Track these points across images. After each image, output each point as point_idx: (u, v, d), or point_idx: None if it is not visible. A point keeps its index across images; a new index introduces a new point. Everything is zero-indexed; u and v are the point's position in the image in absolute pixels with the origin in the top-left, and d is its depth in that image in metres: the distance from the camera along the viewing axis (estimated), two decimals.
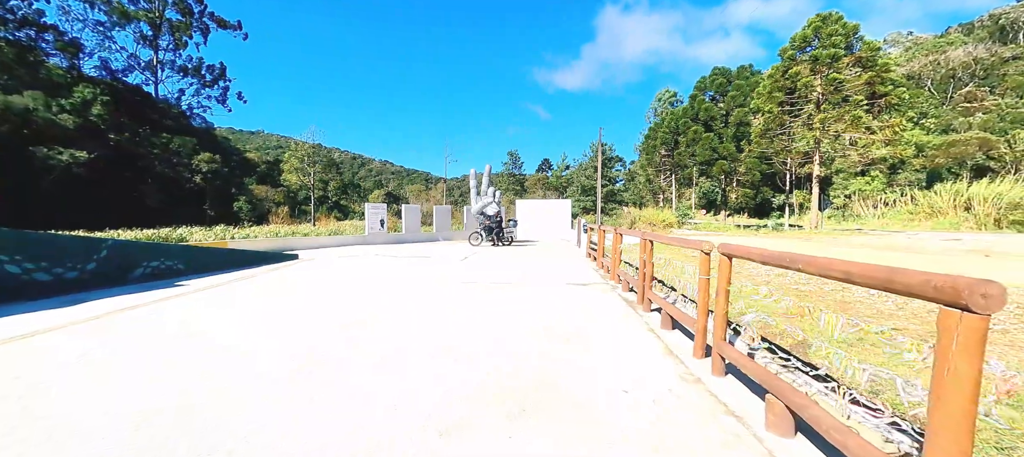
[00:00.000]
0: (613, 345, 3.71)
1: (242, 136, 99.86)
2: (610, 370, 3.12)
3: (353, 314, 4.77)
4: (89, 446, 2.07)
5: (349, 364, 3.19)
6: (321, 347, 3.60)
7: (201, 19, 43.37)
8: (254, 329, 4.16)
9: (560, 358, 3.34)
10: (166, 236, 13.60)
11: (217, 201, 38.07)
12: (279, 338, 3.87)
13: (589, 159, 50.37)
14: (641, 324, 4.43)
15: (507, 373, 3.01)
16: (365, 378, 2.93)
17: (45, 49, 34.58)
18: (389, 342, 3.74)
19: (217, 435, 2.18)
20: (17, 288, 5.41)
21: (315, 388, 2.76)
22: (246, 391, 2.71)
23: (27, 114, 26.36)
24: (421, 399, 2.61)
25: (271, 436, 2.18)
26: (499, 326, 4.24)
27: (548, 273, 8.19)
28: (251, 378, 2.92)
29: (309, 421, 2.34)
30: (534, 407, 2.51)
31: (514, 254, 12.07)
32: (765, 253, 2.47)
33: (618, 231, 7.27)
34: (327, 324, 4.35)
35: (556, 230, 21.88)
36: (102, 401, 2.55)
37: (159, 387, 2.78)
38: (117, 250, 6.65)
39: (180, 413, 2.41)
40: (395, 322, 4.44)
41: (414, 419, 2.36)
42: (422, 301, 5.50)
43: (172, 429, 2.24)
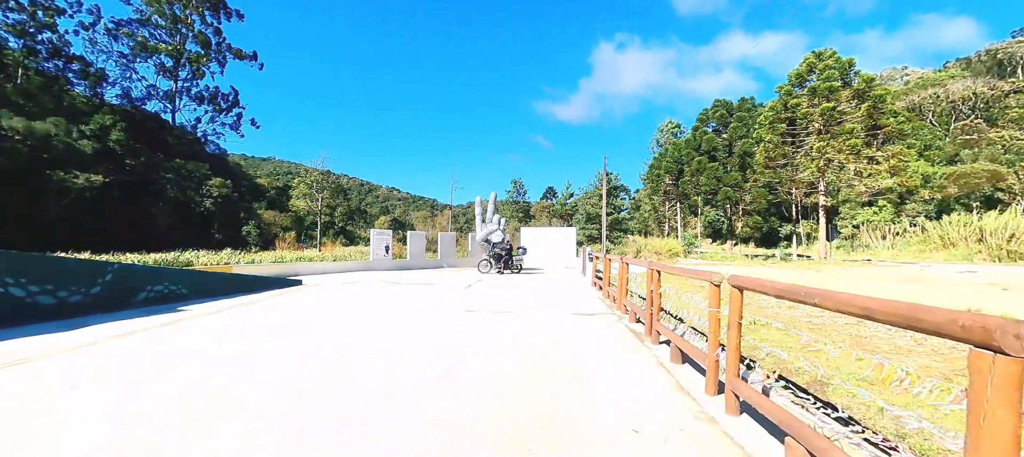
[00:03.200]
0: (621, 380, 3.58)
1: (254, 162, 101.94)
2: (619, 407, 2.99)
3: (350, 342, 4.67)
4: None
5: (338, 396, 3.09)
6: (312, 376, 3.50)
7: (219, 50, 45.18)
8: (249, 357, 4.08)
9: (565, 393, 3.22)
10: (173, 260, 13.66)
11: (226, 225, 38.47)
12: (272, 366, 3.78)
13: (594, 187, 50.64)
14: (650, 357, 4.29)
15: (509, 408, 2.89)
16: (355, 411, 2.82)
17: (71, 78, 36.05)
18: (384, 373, 3.63)
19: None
20: (20, 311, 5.40)
21: (304, 425, 2.66)
22: (226, 423, 2.62)
23: (47, 139, 27.19)
24: (415, 437, 2.49)
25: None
26: (501, 357, 4.12)
27: (553, 302, 8.06)
28: (232, 409, 2.83)
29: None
30: (538, 447, 2.39)
31: (518, 282, 11.95)
32: (778, 286, 2.40)
33: (624, 260, 7.19)
34: (321, 352, 4.25)
35: (561, 258, 21.75)
36: (80, 431, 2.47)
37: (133, 422, 2.69)
38: (121, 274, 6.66)
39: (150, 446, 2.32)
40: (392, 352, 4.34)
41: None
42: (422, 330, 5.40)
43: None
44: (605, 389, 3.34)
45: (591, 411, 2.90)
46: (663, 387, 3.43)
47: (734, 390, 2.85)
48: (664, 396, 3.23)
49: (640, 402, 3.09)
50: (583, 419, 2.77)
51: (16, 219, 23.91)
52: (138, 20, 40.61)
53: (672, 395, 3.25)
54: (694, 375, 3.74)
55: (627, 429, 2.64)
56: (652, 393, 3.29)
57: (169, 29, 41.92)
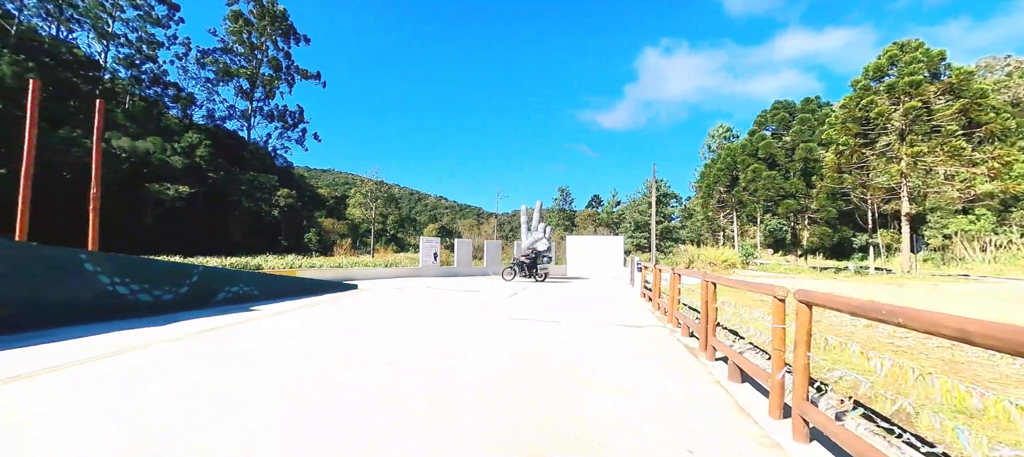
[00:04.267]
0: (674, 397, 3.42)
1: (315, 173, 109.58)
2: (672, 427, 2.86)
3: (401, 346, 4.85)
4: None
5: (389, 398, 3.21)
6: (366, 379, 3.67)
7: (288, 72, 49.35)
8: (312, 353, 4.36)
9: (614, 411, 3.13)
10: (245, 263, 14.98)
11: (291, 232, 41.63)
12: (337, 363, 4.01)
13: (642, 195, 49.11)
14: (705, 374, 4.07)
15: (552, 426, 2.86)
16: (403, 414, 2.92)
17: (166, 102, 40.95)
18: (431, 381, 3.73)
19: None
20: (123, 307, 6.17)
21: (361, 417, 2.79)
22: (306, 405, 2.81)
23: (147, 156, 31.02)
24: (454, 451, 2.53)
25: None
26: (546, 370, 4.09)
27: (599, 312, 7.88)
28: (300, 400, 3.03)
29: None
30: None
31: (564, 291, 11.82)
32: (853, 303, 2.19)
33: (676, 270, 6.89)
34: (372, 357, 4.45)
35: (608, 267, 21.24)
36: (184, 405, 2.77)
37: (209, 413, 2.96)
38: (205, 276, 7.40)
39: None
40: (439, 358, 4.45)
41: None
42: (470, 339, 5.49)
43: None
44: (656, 406, 3.21)
45: (641, 429, 2.80)
46: (721, 407, 3.23)
47: (802, 414, 2.63)
48: (722, 417, 3.04)
49: (695, 422, 2.94)
50: (633, 438, 2.68)
51: (118, 227, 27.38)
52: (221, 48, 45.44)
53: (731, 416, 3.06)
54: (755, 396, 3.49)
55: (682, 450, 2.51)
56: (708, 413, 3.11)
57: (247, 55, 46.47)
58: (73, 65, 33.68)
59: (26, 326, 5.08)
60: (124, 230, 27.86)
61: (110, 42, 38.13)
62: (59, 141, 24.63)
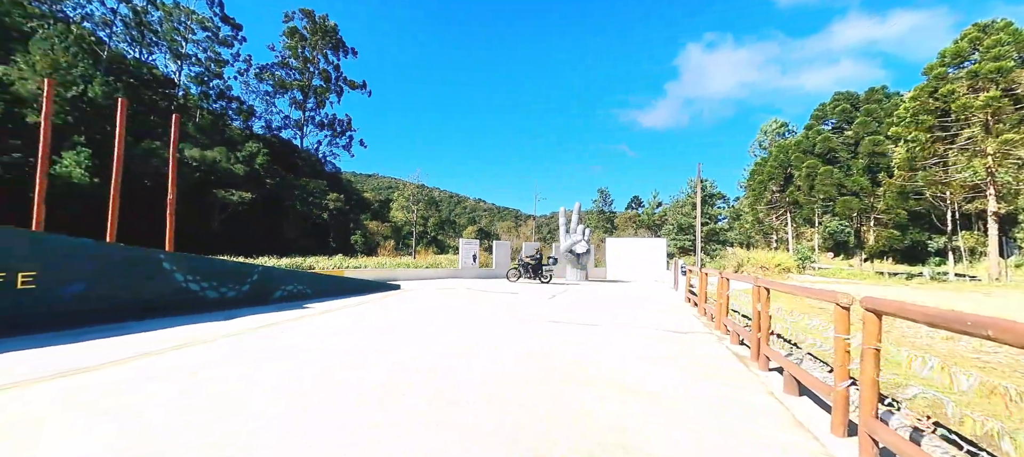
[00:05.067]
0: (724, 409, 3.26)
1: (361, 178, 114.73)
2: (724, 442, 2.73)
3: (443, 349, 4.96)
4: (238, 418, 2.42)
5: (442, 400, 3.29)
6: (397, 380, 3.78)
7: (337, 83, 52.13)
8: (358, 349, 4.57)
9: (661, 421, 3.03)
10: (298, 264, 15.96)
11: (338, 234, 43.84)
12: (372, 362, 4.18)
13: (686, 196, 47.23)
14: (758, 385, 3.84)
15: (593, 440, 2.81)
16: (441, 414, 2.98)
17: (230, 115, 44.48)
18: (473, 384, 3.78)
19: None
20: (194, 303, 6.77)
21: (411, 417, 2.88)
22: (355, 395, 2.94)
23: (214, 165, 33.85)
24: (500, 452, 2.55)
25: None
26: (585, 375, 4.02)
27: (642, 317, 7.66)
28: (344, 392, 3.17)
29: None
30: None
31: (604, 294, 11.59)
32: (931, 312, 1.99)
33: (724, 274, 6.57)
34: (416, 358, 4.58)
35: (649, 270, 20.60)
36: (253, 387, 2.99)
37: (272, 398, 3.16)
38: (264, 275, 7.96)
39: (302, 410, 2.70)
40: (481, 362, 4.50)
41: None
42: (508, 339, 5.52)
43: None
44: (706, 418, 3.07)
45: (691, 442, 2.69)
46: (776, 421, 3.04)
47: (870, 433, 2.42)
48: (778, 432, 2.86)
49: (750, 437, 2.78)
50: (682, 452, 2.58)
51: (189, 230, 30.03)
52: (278, 63, 48.82)
53: (788, 432, 2.87)
54: (814, 410, 3.25)
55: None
56: (763, 427, 2.93)
57: (300, 68, 49.61)
58: (152, 84, 37.41)
59: (118, 318, 5.70)
60: (194, 233, 30.53)
61: (183, 62, 42.05)
62: (141, 153, 27.43)
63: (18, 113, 23.37)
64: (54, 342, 4.55)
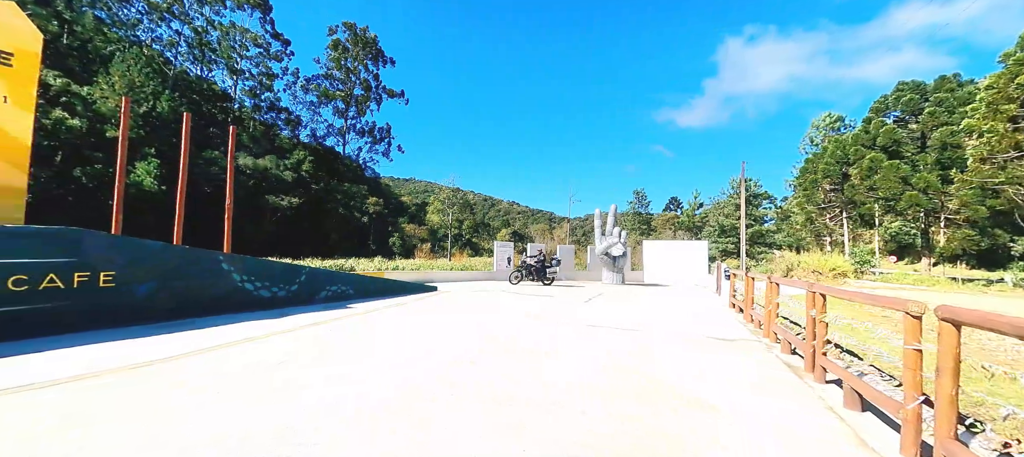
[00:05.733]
0: (777, 424, 3.07)
1: (399, 183, 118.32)
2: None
3: (479, 348, 5.00)
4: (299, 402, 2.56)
5: (461, 401, 3.31)
6: (458, 382, 3.83)
7: (376, 92, 54.16)
8: (404, 350, 4.69)
9: (709, 435, 2.89)
10: (340, 265, 16.65)
11: (377, 237, 45.43)
12: (418, 365, 4.27)
13: (728, 196, 45.14)
14: (814, 398, 3.59)
15: (635, 447, 2.73)
16: (474, 419, 2.99)
17: (279, 125, 47.25)
18: (512, 389, 3.78)
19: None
20: (249, 301, 7.22)
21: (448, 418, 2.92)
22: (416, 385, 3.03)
23: (265, 172, 36.07)
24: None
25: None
26: (633, 384, 3.91)
27: (684, 322, 7.38)
28: (413, 381, 3.26)
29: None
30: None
31: (642, 298, 11.28)
32: (1021, 323, 1.78)
33: (772, 279, 6.20)
34: (454, 356, 4.64)
35: (690, 274, 19.84)
36: (300, 379, 3.16)
37: (326, 386, 3.30)
38: (311, 276, 8.37)
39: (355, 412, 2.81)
40: (519, 365, 4.49)
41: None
42: (546, 342, 5.48)
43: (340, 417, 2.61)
44: (757, 434, 2.90)
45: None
46: (836, 439, 2.82)
47: (948, 455, 2.19)
48: (840, 451, 2.66)
49: (808, 455, 2.60)
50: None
51: (243, 233, 32.13)
52: (323, 75, 51.39)
53: (851, 451, 2.66)
54: (880, 428, 3.00)
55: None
56: (822, 445, 2.73)
57: (343, 79, 51.96)
58: (212, 98, 40.41)
59: (184, 315, 6.19)
60: (247, 235, 32.64)
61: (238, 77, 45.18)
62: (202, 162, 29.70)
63: (99, 128, 25.98)
64: (133, 336, 5.01)
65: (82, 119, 24.99)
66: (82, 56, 30.52)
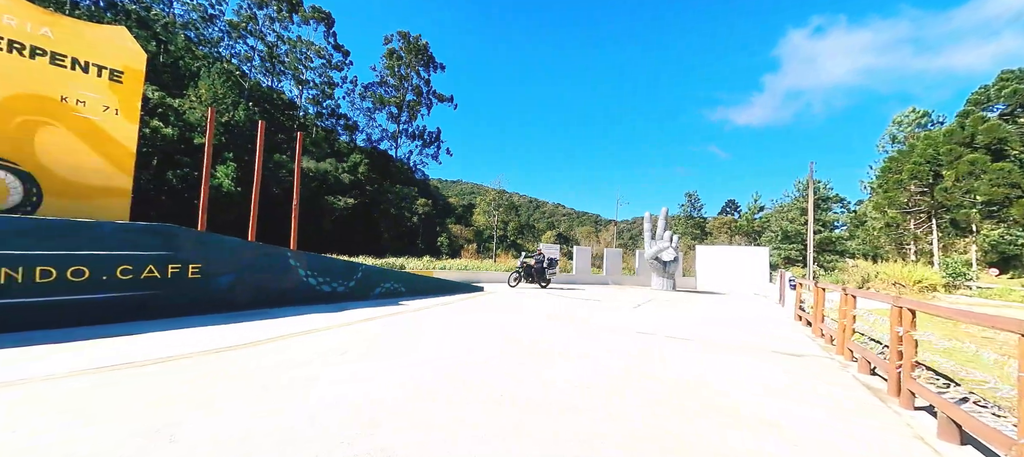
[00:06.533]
0: (859, 455, 2.78)
1: (446, 184, 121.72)
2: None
3: (526, 351, 4.99)
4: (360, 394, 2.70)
5: (513, 403, 3.31)
6: (491, 380, 3.86)
7: (427, 97, 56.15)
8: (454, 346, 4.81)
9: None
10: (392, 264, 17.39)
11: (426, 237, 46.99)
12: (462, 362, 4.35)
13: (792, 200, 41.81)
14: (902, 427, 3.22)
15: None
16: (519, 424, 2.97)
17: (338, 130, 50.33)
18: (560, 397, 3.73)
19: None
20: (312, 295, 7.74)
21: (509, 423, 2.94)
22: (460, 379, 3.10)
23: (325, 175, 38.56)
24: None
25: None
26: (693, 401, 3.71)
27: (745, 333, 6.92)
28: (464, 377, 3.34)
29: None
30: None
31: (696, 306, 10.73)
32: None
33: (848, 290, 5.66)
34: (506, 356, 4.66)
35: (748, 282, 18.62)
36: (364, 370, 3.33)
37: (384, 377, 3.45)
38: (367, 273, 8.82)
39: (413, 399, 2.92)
40: (566, 371, 4.43)
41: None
42: (594, 349, 5.37)
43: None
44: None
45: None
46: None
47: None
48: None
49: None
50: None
51: (305, 232, 34.49)
52: (378, 82, 54.15)
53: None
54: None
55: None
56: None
57: (396, 86, 54.43)
58: (280, 106, 43.86)
59: (257, 305, 6.76)
60: (308, 233, 35.00)
61: (303, 87, 48.73)
62: (272, 165, 32.30)
63: (188, 136, 29.12)
64: (217, 322, 5.55)
65: (174, 128, 28.14)
66: (174, 72, 34.40)
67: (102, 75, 6.38)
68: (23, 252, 4.72)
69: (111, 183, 6.44)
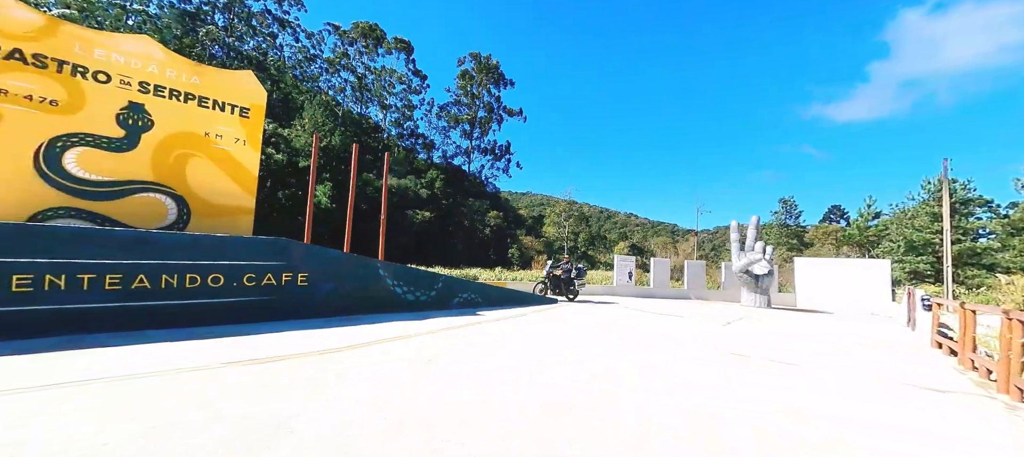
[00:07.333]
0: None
1: (515, 196, 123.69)
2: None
3: (609, 367, 4.79)
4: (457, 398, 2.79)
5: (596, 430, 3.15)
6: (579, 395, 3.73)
7: (498, 112, 58.01)
8: (532, 354, 4.78)
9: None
10: (465, 274, 18.02)
11: (497, 248, 48.06)
12: (546, 378, 4.28)
13: (919, 203, 35.56)
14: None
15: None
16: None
17: (417, 148, 53.94)
18: (641, 424, 3.50)
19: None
20: (398, 303, 8.27)
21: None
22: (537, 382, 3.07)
23: (405, 190, 41.43)
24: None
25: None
26: (815, 441, 3.28)
27: (868, 361, 5.96)
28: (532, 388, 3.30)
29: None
30: None
31: (798, 326, 9.51)
32: None
33: (1011, 315, 4.60)
34: (583, 371, 4.51)
35: (863, 300, 16.12)
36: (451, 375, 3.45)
37: (458, 387, 3.52)
38: (446, 283, 9.22)
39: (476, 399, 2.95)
40: (652, 395, 4.16)
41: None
42: (680, 373, 4.99)
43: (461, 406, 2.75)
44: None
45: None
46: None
47: None
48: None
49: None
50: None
51: (387, 244, 37.16)
52: (452, 102, 57.26)
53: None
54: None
55: None
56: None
57: (469, 104, 57.08)
58: (368, 130, 48.22)
59: (352, 311, 7.40)
60: (389, 245, 37.66)
61: (387, 111, 53.19)
62: (361, 183, 35.54)
63: (294, 160, 33.26)
64: (321, 326, 6.17)
65: (283, 154, 32.35)
66: (284, 106, 39.67)
67: (234, 112, 7.54)
68: (179, 262, 5.70)
69: (239, 203, 7.54)
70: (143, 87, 6.64)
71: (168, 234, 5.80)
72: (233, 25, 41.52)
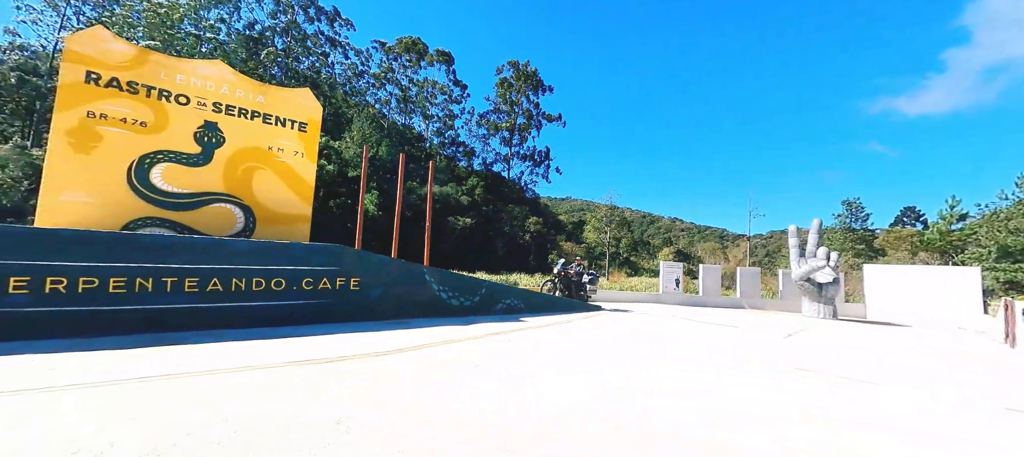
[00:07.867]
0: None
1: (555, 202, 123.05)
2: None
3: (654, 385, 4.59)
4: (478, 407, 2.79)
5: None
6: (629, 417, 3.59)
7: (537, 118, 58.10)
8: (581, 361, 4.69)
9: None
10: (506, 280, 18.07)
11: (537, 254, 47.91)
12: (594, 395, 4.17)
13: (1013, 203, 31.51)
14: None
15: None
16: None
17: (458, 156, 55.14)
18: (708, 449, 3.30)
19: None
20: (443, 308, 8.43)
21: None
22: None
23: (447, 197, 42.42)
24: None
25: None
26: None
27: (956, 381, 5.31)
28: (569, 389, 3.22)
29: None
30: None
31: (868, 339, 8.66)
32: None
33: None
34: (635, 392, 4.35)
35: (946, 311, 14.44)
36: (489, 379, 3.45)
37: (511, 385, 3.49)
38: (489, 289, 9.29)
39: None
40: (710, 414, 3.93)
41: None
42: (739, 387, 4.69)
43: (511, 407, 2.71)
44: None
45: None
46: None
47: None
48: None
49: None
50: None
51: (430, 250, 38.12)
52: (492, 110, 58.10)
53: None
54: None
55: None
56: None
57: (508, 111, 57.65)
58: (411, 140, 49.95)
59: (400, 315, 7.64)
60: (432, 251, 38.61)
61: (429, 121, 54.87)
62: (406, 191, 36.80)
63: (344, 171, 35.08)
64: (374, 329, 6.42)
65: (334, 165, 34.22)
66: (334, 119, 42.04)
67: (294, 127, 8.07)
68: (247, 266, 6.15)
69: (298, 211, 8.04)
70: (216, 107, 7.28)
71: (239, 241, 6.28)
72: (291, 47, 44.69)
